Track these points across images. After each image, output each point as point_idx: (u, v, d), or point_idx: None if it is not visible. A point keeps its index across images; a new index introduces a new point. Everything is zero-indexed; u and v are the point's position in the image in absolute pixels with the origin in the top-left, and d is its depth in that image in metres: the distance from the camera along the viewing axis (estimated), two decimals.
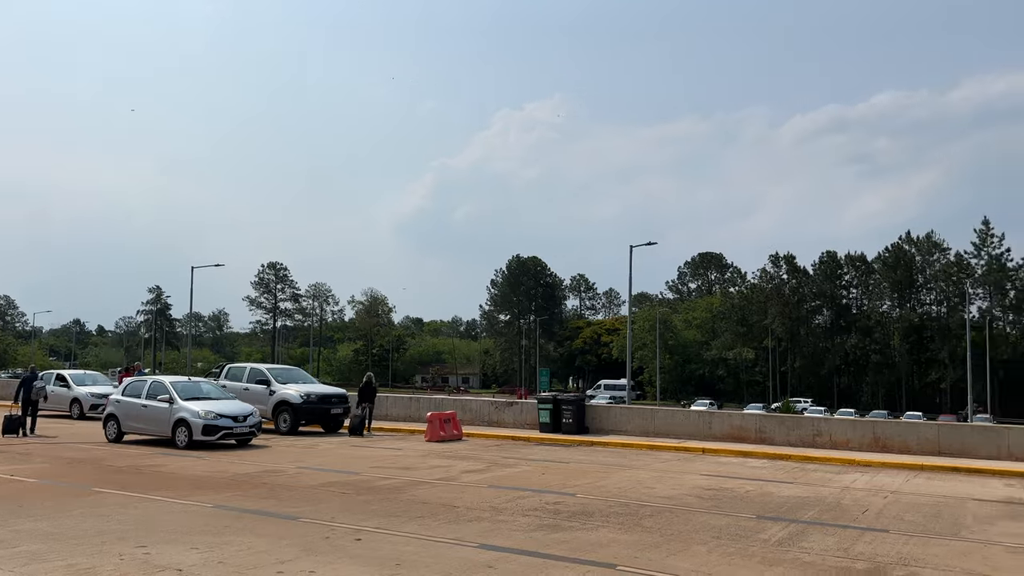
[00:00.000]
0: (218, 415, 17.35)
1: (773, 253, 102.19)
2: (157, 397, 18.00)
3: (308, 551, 7.86)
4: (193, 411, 17.28)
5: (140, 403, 18.31)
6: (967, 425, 23.66)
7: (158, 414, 17.86)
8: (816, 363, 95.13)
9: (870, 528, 9.76)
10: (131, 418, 18.46)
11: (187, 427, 17.17)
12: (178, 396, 17.81)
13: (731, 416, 22.20)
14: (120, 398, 19.00)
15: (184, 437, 17.20)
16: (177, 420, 17.38)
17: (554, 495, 11.74)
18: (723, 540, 8.84)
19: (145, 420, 18.20)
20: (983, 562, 8.04)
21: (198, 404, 17.58)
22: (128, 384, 19.64)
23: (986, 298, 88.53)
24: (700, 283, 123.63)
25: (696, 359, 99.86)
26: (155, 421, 17.96)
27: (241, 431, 17.74)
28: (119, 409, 18.73)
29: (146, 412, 18.13)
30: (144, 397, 18.33)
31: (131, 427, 18.52)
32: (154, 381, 19.08)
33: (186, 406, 17.47)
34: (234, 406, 18.23)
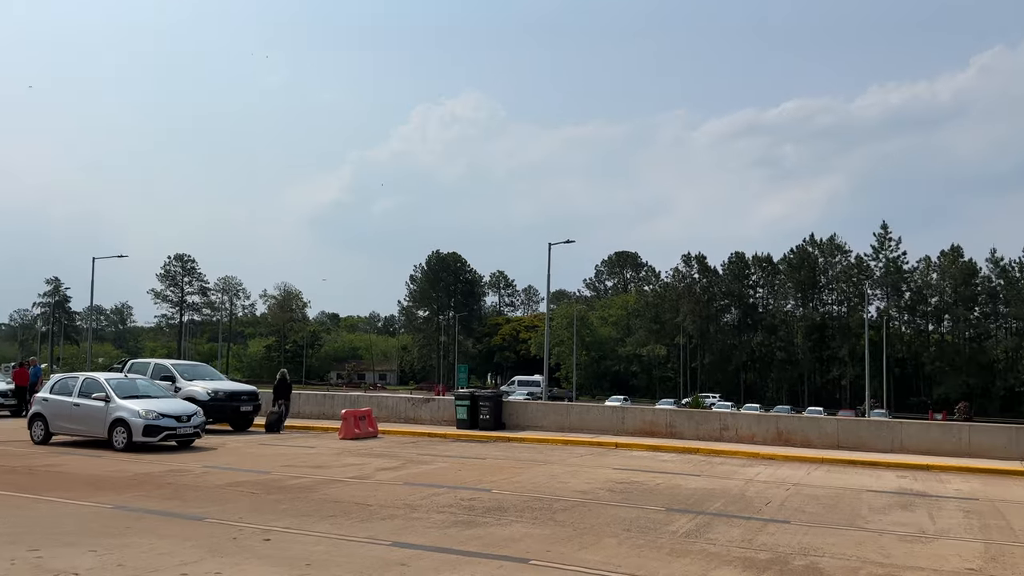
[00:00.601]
0: (160, 415, 16.22)
1: (686, 253, 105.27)
2: (91, 395, 16.74)
3: (214, 552, 7.62)
4: (133, 410, 16.12)
5: (71, 402, 16.98)
6: (864, 420, 24.90)
7: (92, 413, 16.63)
8: (724, 360, 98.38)
9: (773, 519, 10.15)
10: (61, 418, 17.14)
11: (126, 428, 16.04)
12: (115, 394, 16.65)
13: (643, 411, 22.71)
14: (48, 396, 17.59)
15: (123, 438, 16.05)
16: (115, 420, 16.20)
17: (469, 491, 11.74)
18: (633, 532, 9.03)
19: (77, 420, 16.93)
20: (877, 551, 8.46)
21: (138, 403, 16.43)
22: (57, 381, 18.28)
23: (883, 299, 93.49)
24: (616, 281, 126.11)
25: (611, 356, 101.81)
26: (89, 421, 16.73)
27: (185, 432, 16.64)
28: (47, 408, 17.35)
29: (78, 412, 16.84)
30: (76, 395, 17.02)
31: (61, 427, 17.24)
32: (87, 378, 17.67)
33: (125, 405, 16.32)
34: (177, 405, 17.18)
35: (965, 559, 8.13)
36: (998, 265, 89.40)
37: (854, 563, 7.84)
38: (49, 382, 19.11)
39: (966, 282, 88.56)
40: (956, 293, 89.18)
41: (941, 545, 8.82)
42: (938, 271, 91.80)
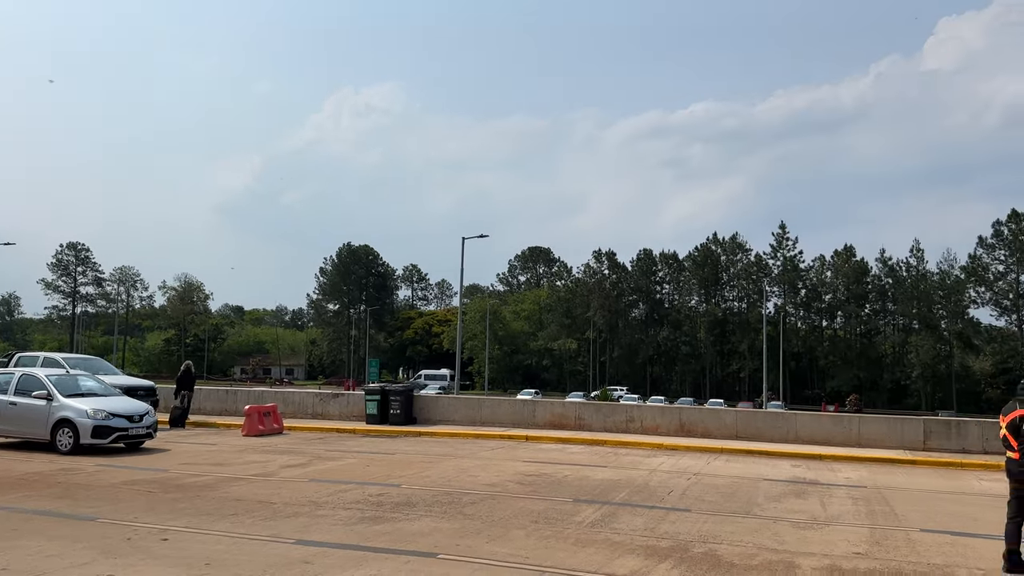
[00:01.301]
0: (110, 414, 15.02)
1: (597, 249, 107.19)
2: (31, 393, 15.33)
3: (107, 553, 7.28)
4: (80, 410, 14.88)
5: (6, 400, 15.48)
6: (761, 411, 25.94)
7: (31, 413, 15.21)
8: (632, 353, 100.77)
9: (674, 508, 10.47)
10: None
11: (73, 429, 14.77)
12: (58, 392, 15.30)
13: (553, 404, 23.00)
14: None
15: (68, 440, 14.78)
16: (59, 420, 14.91)
17: (378, 487, 11.62)
18: (540, 524, 9.14)
19: (13, 420, 15.45)
20: (772, 537, 8.84)
21: (84, 402, 15.22)
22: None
23: (781, 295, 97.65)
24: (529, 276, 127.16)
25: (523, 349, 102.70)
26: (27, 422, 15.30)
27: (137, 433, 15.48)
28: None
29: (14, 411, 15.39)
30: (11, 393, 15.53)
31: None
32: (24, 374, 16.14)
33: (70, 404, 15.04)
34: (126, 404, 15.95)
35: (853, 544, 8.58)
36: (887, 265, 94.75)
37: (750, 549, 8.17)
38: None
39: (858, 280, 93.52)
40: (848, 291, 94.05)
41: (831, 531, 9.29)
42: (832, 270, 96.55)
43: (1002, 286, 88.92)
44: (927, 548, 8.41)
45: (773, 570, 7.35)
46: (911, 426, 19.20)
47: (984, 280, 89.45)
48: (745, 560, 7.70)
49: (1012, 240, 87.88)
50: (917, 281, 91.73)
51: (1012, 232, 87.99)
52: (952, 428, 18.88)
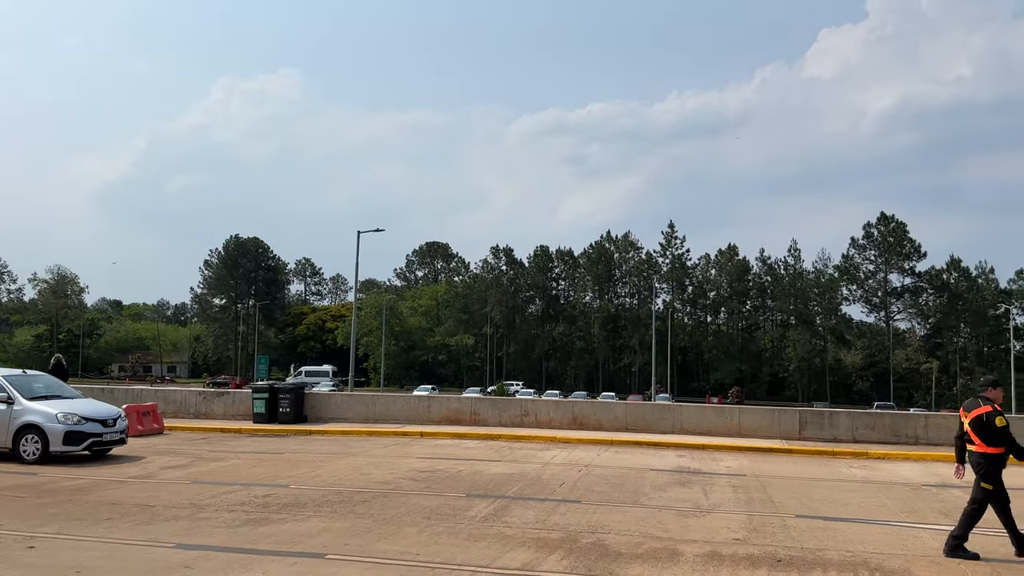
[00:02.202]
0: (82, 418, 13.66)
1: (495, 245, 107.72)
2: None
3: None
4: (47, 414, 13.45)
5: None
6: (649, 404, 26.77)
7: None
8: (529, 348, 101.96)
9: (565, 500, 10.65)
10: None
11: (40, 435, 13.35)
12: (19, 394, 13.76)
13: (449, 400, 22.98)
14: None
15: (35, 448, 13.35)
16: (23, 426, 13.41)
17: (265, 488, 11.27)
18: (433, 520, 9.11)
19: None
20: (657, 525, 9.13)
21: (50, 404, 13.83)
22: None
23: (669, 292, 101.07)
24: (427, 271, 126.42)
25: (420, 345, 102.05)
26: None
27: (111, 438, 14.19)
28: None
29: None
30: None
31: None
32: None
33: (35, 407, 13.58)
34: (97, 407, 14.66)
35: (732, 531, 8.97)
36: (767, 264, 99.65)
37: (637, 538, 8.41)
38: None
39: (740, 278, 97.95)
40: (731, 288, 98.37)
41: (713, 518, 9.68)
42: (716, 268, 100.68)
43: (872, 284, 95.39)
44: (801, 533, 8.88)
45: (657, 557, 7.59)
46: (788, 417, 20.26)
47: (855, 279, 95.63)
48: (631, 549, 7.92)
49: (881, 241, 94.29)
50: (794, 279, 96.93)
51: (881, 234, 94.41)
52: (825, 418, 20.05)
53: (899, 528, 9.29)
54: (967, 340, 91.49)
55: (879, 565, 7.44)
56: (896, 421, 19.85)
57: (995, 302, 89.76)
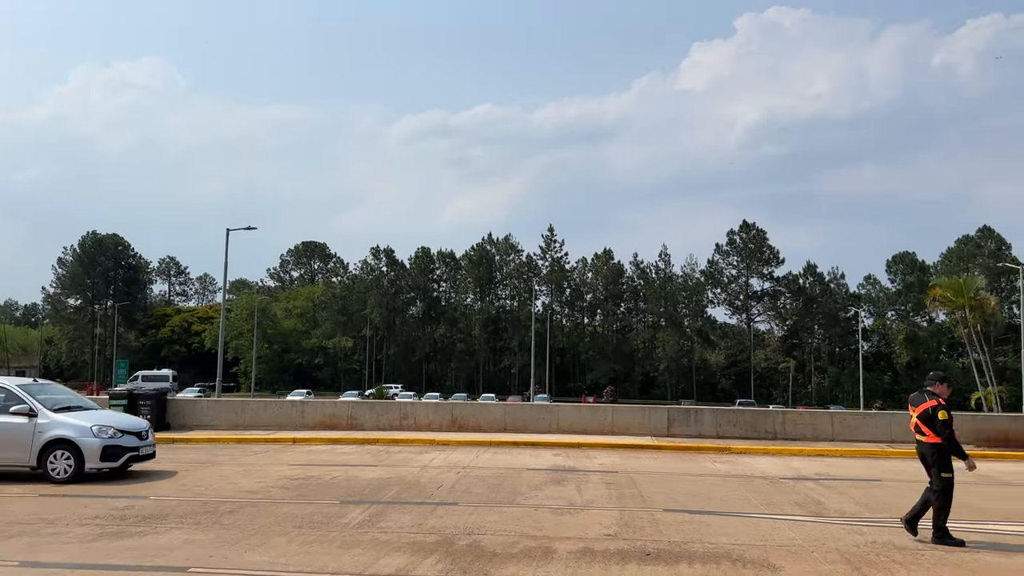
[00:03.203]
0: (119, 431, 12.51)
1: (375, 246, 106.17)
2: (7, 410, 12.29)
3: None
4: (80, 427, 12.21)
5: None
6: (527, 404, 27.11)
7: (8, 434, 12.19)
8: (409, 351, 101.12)
9: (443, 502, 10.60)
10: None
11: (73, 451, 12.10)
12: (42, 406, 12.43)
13: (324, 404, 22.42)
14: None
15: (67, 465, 12.07)
16: (51, 441, 12.12)
17: (122, 500, 10.59)
18: (304, 529, 8.84)
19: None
20: (532, 524, 9.23)
21: (78, 416, 12.60)
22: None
23: (549, 294, 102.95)
24: (303, 272, 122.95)
25: (295, 348, 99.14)
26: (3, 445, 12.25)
27: (146, 452, 13.08)
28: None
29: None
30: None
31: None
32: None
33: (63, 420, 12.33)
34: (126, 418, 13.49)
35: (605, 526, 9.20)
36: (639, 267, 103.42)
37: (512, 538, 8.48)
38: None
39: (615, 281, 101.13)
40: (607, 291, 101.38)
41: (586, 515, 9.90)
42: (593, 271, 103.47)
43: (734, 288, 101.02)
44: (668, 527, 9.22)
45: (532, 556, 7.68)
46: (657, 414, 21.03)
47: (720, 283, 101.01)
48: (507, 549, 7.98)
49: (743, 248, 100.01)
50: (664, 283, 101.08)
51: (743, 240, 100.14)
52: (691, 416, 20.96)
53: (758, 520, 9.81)
54: (820, 341, 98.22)
55: (740, 556, 7.82)
56: (756, 417, 21.01)
57: (845, 305, 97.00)
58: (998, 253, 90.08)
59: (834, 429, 20.14)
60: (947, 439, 8.48)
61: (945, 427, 8.46)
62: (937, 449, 8.55)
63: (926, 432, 8.66)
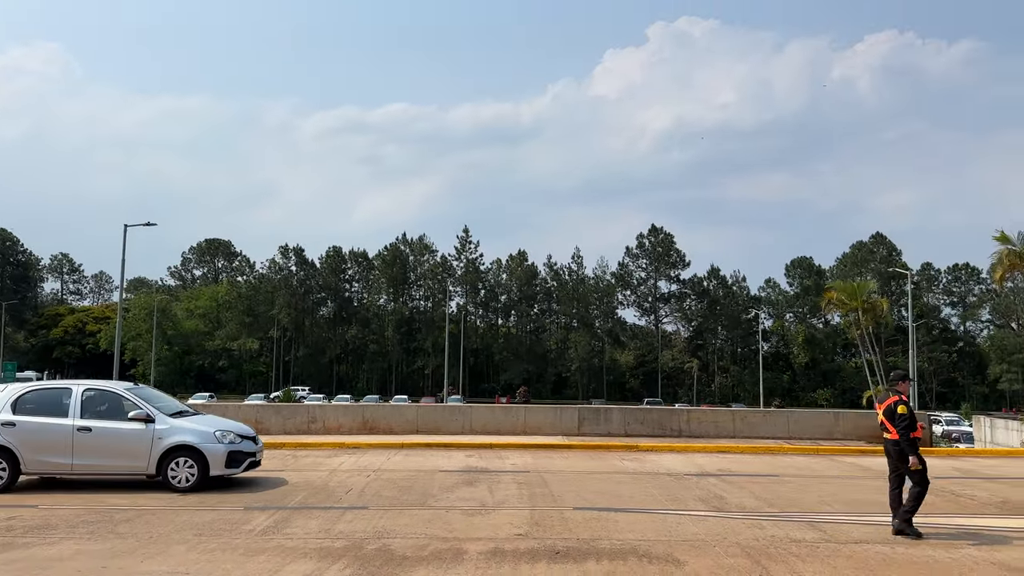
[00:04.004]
0: (238, 436, 12.20)
1: (284, 244, 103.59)
2: (116, 416, 11.78)
3: None
4: (203, 432, 11.86)
5: (71, 426, 11.55)
6: (440, 405, 27.06)
7: (123, 442, 11.68)
8: (319, 352, 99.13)
9: (352, 507, 10.43)
10: (49, 450, 11.60)
11: (197, 458, 11.65)
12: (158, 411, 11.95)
13: (226, 408, 21.71)
14: (14, 418, 11.64)
15: (189, 474, 11.63)
16: (172, 448, 11.65)
17: (7, 509, 9.98)
18: (205, 536, 8.54)
19: (89, 453, 11.62)
20: (443, 526, 9.19)
21: (195, 421, 12.24)
22: (24, 395, 12.01)
23: (463, 295, 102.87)
24: (207, 270, 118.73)
25: (198, 350, 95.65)
26: (115, 453, 11.72)
27: (260, 458, 12.75)
28: (16, 436, 11.56)
29: (90, 440, 11.57)
30: (76, 416, 11.63)
31: (47, 464, 11.74)
32: (94, 389, 12.15)
33: (183, 425, 11.90)
34: (233, 423, 13.05)
35: (516, 526, 9.24)
36: (553, 269, 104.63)
37: (423, 540, 8.42)
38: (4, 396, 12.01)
39: (528, 283, 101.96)
40: (521, 292, 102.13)
41: (498, 515, 9.92)
42: (507, 272, 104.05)
43: (643, 290, 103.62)
44: (578, 524, 9.35)
45: (442, 558, 7.65)
46: (568, 414, 21.32)
47: (629, 285, 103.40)
48: (417, 552, 7.91)
49: (651, 251, 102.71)
50: (577, 285, 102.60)
51: (652, 244, 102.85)
52: (601, 415, 21.34)
53: (664, 516, 10.06)
54: (724, 341, 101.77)
55: (646, 552, 8.00)
56: (662, 416, 21.58)
57: (747, 307, 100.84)
58: (889, 259, 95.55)
59: (735, 427, 20.89)
60: (903, 434, 8.86)
61: (902, 420, 8.89)
62: (899, 445, 8.96)
63: (890, 429, 9.05)
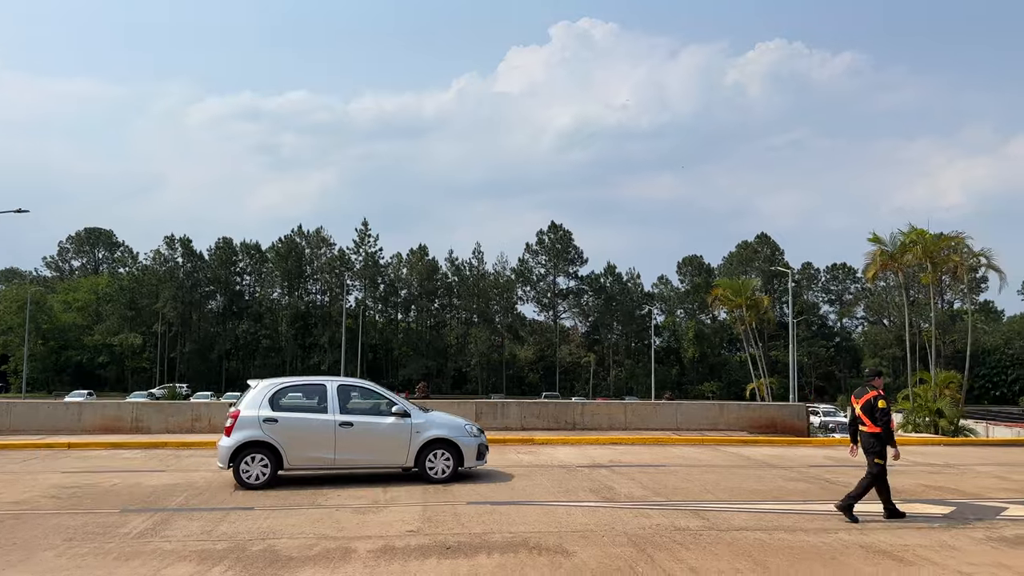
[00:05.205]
0: (477, 430, 12.85)
1: (170, 235, 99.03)
2: (376, 410, 12.35)
3: None
4: (455, 425, 12.58)
5: (332, 421, 11.85)
6: None
7: (383, 436, 12.11)
8: (207, 348, 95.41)
9: (236, 507, 10.05)
10: (311, 445, 11.81)
11: (452, 451, 12.29)
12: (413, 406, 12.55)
13: (105, 406, 20.53)
14: (275, 415, 11.74)
15: (445, 465, 12.25)
16: (430, 442, 12.23)
17: None
18: (76, 541, 8.05)
19: (353, 447, 11.96)
20: (332, 525, 8.98)
21: (440, 416, 12.76)
22: (277, 391, 12.08)
23: (362, 290, 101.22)
24: (86, 261, 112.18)
25: (76, 345, 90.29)
26: (376, 447, 12.16)
27: None
28: (280, 433, 11.66)
29: (352, 435, 11.90)
30: (336, 411, 11.94)
31: (308, 460, 11.94)
32: (343, 385, 12.50)
33: (435, 419, 12.54)
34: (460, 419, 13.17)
35: (407, 523, 9.14)
36: (454, 264, 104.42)
37: (310, 540, 8.20)
38: (256, 394, 11.98)
39: (429, 277, 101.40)
40: (421, 287, 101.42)
41: (389, 512, 9.78)
42: (408, 267, 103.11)
43: (542, 286, 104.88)
44: (470, 519, 9.34)
45: (331, 558, 7.48)
46: (465, 408, 21.26)
47: (529, 281, 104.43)
48: (304, 552, 7.71)
49: (551, 247, 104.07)
50: (477, 280, 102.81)
51: (551, 240, 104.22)
52: (498, 409, 21.44)
53: (555, 507, 10.19)
54: (618, 336, 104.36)
55: (537, 544, 8.08)
56: (558, 409, 21.89)
57: (641, 303, 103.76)
58: (772, 258, 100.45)
59: (627, 419, 21.43)
60: (885, 426, 9.36)
61: (884, 415, 9.37)
62: (876, 438, 9.41)
63: (866, 422, 9.49)
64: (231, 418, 11.74)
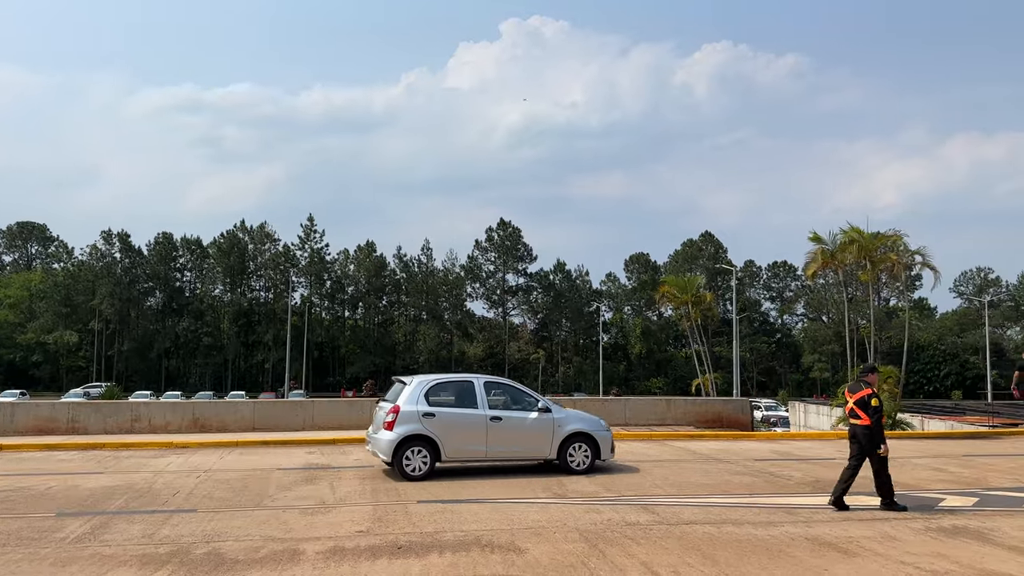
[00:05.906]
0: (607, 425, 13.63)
1: (107, 230, 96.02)
2: (518, 406, 12.91)
3: None
4: (592, 420, 13.29)
5: (483, 416, 12.46)
6: (280, 401, 26.07)
7: (530, 430, 12.70)
8: (146, 346, 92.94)
9: (179, 510, 9.77)
10: (465, 438, 12.42)
11: (590, 444, 12.90)
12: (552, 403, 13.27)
13: (39, 407, 19.78)
14: (433, 410, 12.31)
15: (584, 457, 12.84)
16: (570, 435, 12.80)
17: None
18: (9, 546, 7.71)
19: (504, 440, 12.59)
20: (279, 527, 8.79)
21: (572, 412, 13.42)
22: (430, 388, 12.61)
23: (308, 286, 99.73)
24: (17, 256, 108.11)
25: (7, 343, 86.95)
26: (524, 440, 12.76)
27: None
28: (437, 426, 12.21)
29: (503, 428, 12.53)
30: (486, 407, 12.57)
31: (464, 453, 12.52)
32: (492, 382, 13.22)
33: (572, 414, 13.26)
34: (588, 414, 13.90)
35: (357, 523, 8.99)
36: (403, 261, 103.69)
37: (257, 542, 8.01)
38: (412, 390, 12.48)
39: (377, 274, 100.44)
40: (369, 284, 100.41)
41: (338, 513, 9.62)
42: (355, 263, 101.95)
43: (492, 283, 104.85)
44: (421, 518, 9.24)
45: (278, 560, 7.31)
46: None
47: (478, 278, 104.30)
48: (250, 554, 7.51)
49: (500, 244, 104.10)
50: (426, 277, 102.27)
51: (500, 238, 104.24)
52: None
53: (508, 504, 10.16)
54: (567, 333, 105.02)
55: (489, 541, 8.03)
56: None
57: (589, 300, 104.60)
58: (716, 256, 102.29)
59: None
60: (875, 422, 9.79)
61: (876, 412, 9.78)
62: (869, 431, 9.81)
63: (861, 416, 9.89)
64: (391, 413, 12.17)
